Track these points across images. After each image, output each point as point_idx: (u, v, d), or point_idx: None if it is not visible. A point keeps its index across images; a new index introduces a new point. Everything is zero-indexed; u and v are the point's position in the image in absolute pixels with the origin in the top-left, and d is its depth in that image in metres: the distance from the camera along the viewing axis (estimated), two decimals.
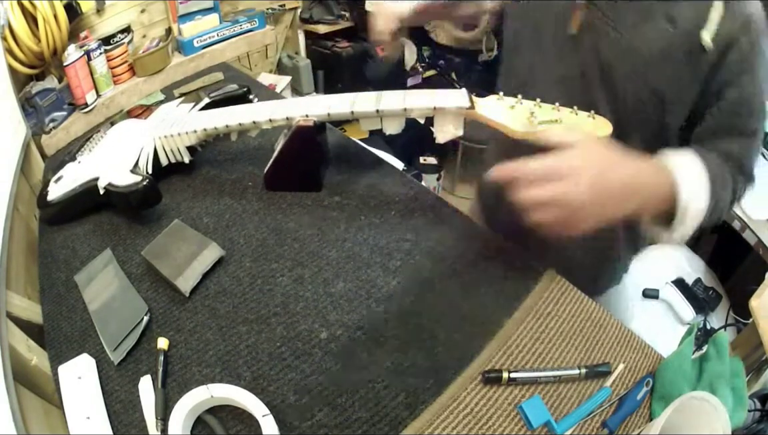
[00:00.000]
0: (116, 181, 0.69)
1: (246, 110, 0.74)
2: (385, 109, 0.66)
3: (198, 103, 0.84)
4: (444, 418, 0.51)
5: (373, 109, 0.66)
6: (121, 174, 0.70)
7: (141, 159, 0.73)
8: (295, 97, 0.74)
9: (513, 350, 0.57)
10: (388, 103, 0.66)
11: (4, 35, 0.96)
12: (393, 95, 0.68)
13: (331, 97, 0.72)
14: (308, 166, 0.76)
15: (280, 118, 0.71)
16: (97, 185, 0.71)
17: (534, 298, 0.63)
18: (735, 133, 0.63)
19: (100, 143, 0.80)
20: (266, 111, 0.72)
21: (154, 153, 0.75)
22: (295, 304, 0.61)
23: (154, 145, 0.75)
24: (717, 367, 0.56)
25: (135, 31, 1.33)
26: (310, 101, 0.73)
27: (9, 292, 0.66)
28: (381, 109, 0.66)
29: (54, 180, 0.76)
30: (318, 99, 0.73)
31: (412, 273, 0.64)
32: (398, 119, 0.68)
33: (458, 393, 0.53)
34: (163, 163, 0.77)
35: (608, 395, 0.54)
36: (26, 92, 1.05)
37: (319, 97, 0.72)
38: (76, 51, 1.11)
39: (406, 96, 0.67)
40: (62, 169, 0.78)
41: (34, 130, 1.01)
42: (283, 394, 0.53)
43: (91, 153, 0.79)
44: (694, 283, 1.53)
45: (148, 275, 0.65)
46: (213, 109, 0.78)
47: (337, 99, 0.70)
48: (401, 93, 0.68)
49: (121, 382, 0.55)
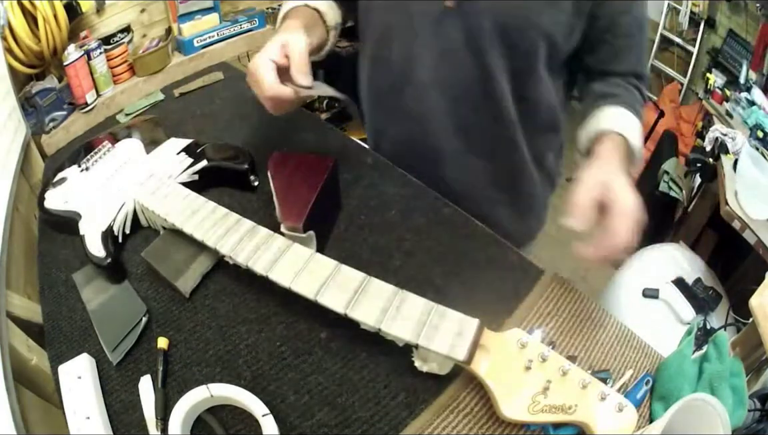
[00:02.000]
0: (86, 241, 0.65)
1: (218, 227, 0.61)
2: (353, 317, 0.51)
3: (195, 163, 0.74)
4: (444, 418, 0.51)
5: (340, 309, 0.51)
6: (93, 235, 0.65)
7: (118, 219, 0.67)
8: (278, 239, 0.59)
9: None
10: (362, 310, 0.51)
11: (4, 35, 0.96)
12: (378, 293, 0.52)
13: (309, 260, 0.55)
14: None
15: (240, 261, 0.58)
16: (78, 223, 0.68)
17: (534, 297, 0.62)
18: (633, 49, 0.74)
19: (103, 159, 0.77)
20: (232, 241, 0.59)
21: (134, 213, 0.69)
22: (295, 303, 0.61)
23: (134, 205, 0.69)
24: (717, 367, 0.56)
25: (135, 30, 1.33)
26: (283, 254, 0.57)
27: (9, 292, 0.66)
28: (350, 315, 0.51)
29: (53, 183, 0.75)
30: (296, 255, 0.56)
31: (412, 273, 0.64)
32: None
33: (458, 393, 0.53)
34: (143, 224, 0.71)
35: None
36: (26, 92, 1.05)
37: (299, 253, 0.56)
38: (76, 51, 1.11)
39: (392, 303, 0.51)
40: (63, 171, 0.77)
41: (34, 129, 1.01)
42: (283, 393, 0.53)
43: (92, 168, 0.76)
44: (694, 282, 1.53)
45: (148, 275, 0.65)
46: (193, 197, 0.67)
47: (313, 266, 0.55)
48: (390, 293, 0.52)
49: (121, 382, 0.55)
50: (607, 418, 0.43)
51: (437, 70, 0.72)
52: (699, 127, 2.22)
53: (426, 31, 0.70)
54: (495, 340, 0.48)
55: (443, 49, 0.70)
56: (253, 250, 0.57)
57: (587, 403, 0.43)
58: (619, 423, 0.43)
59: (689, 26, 2.61)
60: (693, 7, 2.55)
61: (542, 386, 0.44)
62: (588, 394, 0.44)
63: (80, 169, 0.76)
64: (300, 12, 0.72)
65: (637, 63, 0.74)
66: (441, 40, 0.70)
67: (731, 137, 1.80)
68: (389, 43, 0.75)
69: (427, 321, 0.49)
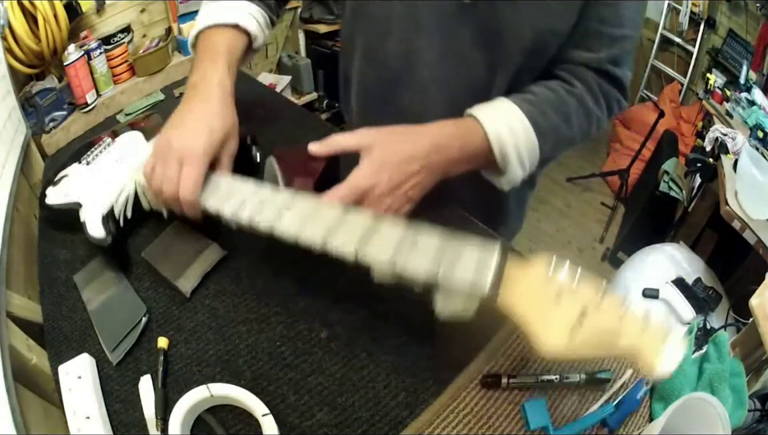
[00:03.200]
0: (87, 225, 0.64)
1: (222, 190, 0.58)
2: (365, 257, 0.47)
3: None
4: (444, 418, 0.51)
5: (350, 249, 0.47)
6: (95, 219, 0.64)
7: (119, 202, 0.66)
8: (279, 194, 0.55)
9: (513, 350, 0.57)
10: (374, 249, 0.47)
11: (4, 35, 0.96)
12: (389, 232, 0.48)
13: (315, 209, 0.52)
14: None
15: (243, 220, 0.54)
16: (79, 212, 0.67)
17: None
18: (603, 39, 0.66)
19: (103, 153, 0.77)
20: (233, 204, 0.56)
21: (135, 196, 0.68)
22: (295, 303, 0.61)
23: (134, 187, 0.67)
24: (717, 367, 0.56)
25: (135, 30, 1.34)
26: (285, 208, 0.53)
27: (9, 292, 0.66)
28: (361, 255, 0.47)
29: (54, 182, 0.75)
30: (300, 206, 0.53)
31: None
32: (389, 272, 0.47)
33: (458, 393, 0.53)
34: (145, 208, 0.69)
35: (609, 411, 0.53)
36: (26, 92, 1.05)
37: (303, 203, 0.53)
38: (76, 51, 1.11)
39: (406, 240, 0.47)
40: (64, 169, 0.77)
41: (34, 129, 1.02)
42: (283, 393, 0.53)
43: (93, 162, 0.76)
44: (694, 282, 1.53)
45: (148, 275, 0.65)
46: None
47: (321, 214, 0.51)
48: (402, 231, 0.47)
49: (121, 381, 0.55)
50: (653, 345, 0.38)
51: (441, 67, 0.68)
52: (699, 127, 2.22)
53: (433, 26, 0.66)
54: (520, 271, 0.43)
55: (450, 46, 0.67)
56: (257, 206, 0.54)
57: (629, 330, 0.38)
58: (666, 350, 0.38)
59: (689, 26, 2.61)
60: (693, 7, 2.55)
61: (578, 316, 0.39)
62: (628, 323, 0.39)
63: (80, 164, 0.76)
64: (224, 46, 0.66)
65: (607, 61, 0.67)
66: (448, 37, 0.66)
67: (731, 137, 1.80)
68: (386, 35, 0.70)
69: (445, 254, 0.44)
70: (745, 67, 2.18)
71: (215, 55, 0.64)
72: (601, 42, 0.65)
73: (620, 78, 0.68)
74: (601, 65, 0.67)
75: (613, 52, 0.66)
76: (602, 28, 0.64)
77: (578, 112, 0.66)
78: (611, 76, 0.67)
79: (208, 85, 0.61)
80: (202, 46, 0.67)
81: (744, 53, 2.30)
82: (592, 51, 0.66)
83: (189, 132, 0.58)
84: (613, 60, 0.67)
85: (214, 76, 0.62)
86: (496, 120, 0.61)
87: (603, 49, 0.66)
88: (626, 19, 0.65)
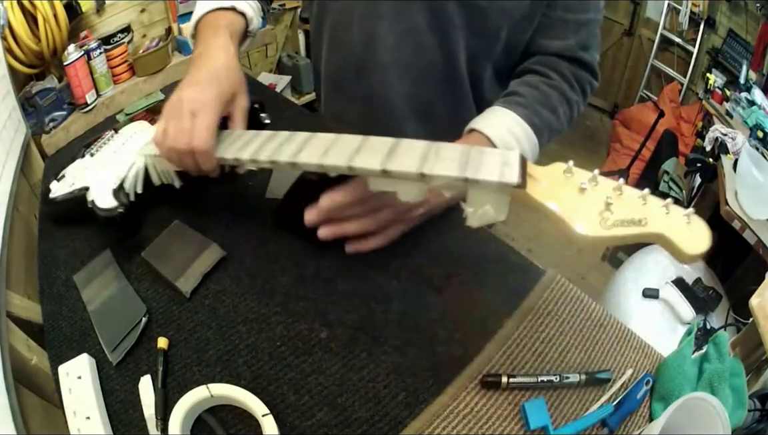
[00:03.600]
0: (97, 201, 0.64)
1: (247, 141, 0.59)
2: (393, 171, 0.47)
3: None
4: (444, 418, 0.51)
5: (377, 167, 0.48)
6: (105, 193, 0.64)
7: (129, 177, 0.67)
8: (297, 134, 0.57)
9: (513, 350, 0.57)
10: (401, 163, 0.48)
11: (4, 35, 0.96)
12: (411, 148, 0.49)
13: (336, 139, 0.54)
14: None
15: (263, 160, 0.55)
16: (86, 196, 0.67)
17: (534, 297, 0.63)
18: (570, 25, 0.70)
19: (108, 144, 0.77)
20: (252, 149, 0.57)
21: (145, 172, 0.68)
22: (295, 303, 0.61)
23: (144, 162, 0.68)
24: (717, 366, 0.56)
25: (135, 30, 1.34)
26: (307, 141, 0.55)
27: (9, 292, 0.66)
28: (389, 170, 0.47)
29: (58, 177, 0.75)
30: (320, 139, 0.55)
31: (412, 273, 0.64)
32: (416, 185, 0.49)
33: (458, 393, 0.53)
34: (156, 182, 0.69)
35: (609, 412, 0.53)
36: (26, 92, 1.05)
37: (322, 137, 0.55)
38: (76, 51, 1.11)
39: (428, 153, 0.48)
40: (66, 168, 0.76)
41: (34, 129, 1.02)
42: (283, 393, 0.53)
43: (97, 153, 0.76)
44: (694, 282, 1.53)
45: (148, 275, 0.65)
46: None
47: (341, 142, 0.53)
48: (424, 146, 0.49)
49: (121, 381, 0.55)
50: (680, 228, 0.39)
51: (399, 50, 0.73)
52: (699, 127, 2.22)
53: (390, 12, 0.70)
54: (540, 171, 0.44)
55: (406, 29, 0.71)
56: (276, 148, 0.55)
57: (655, 215, 0.39)
58: (693, 233, 0.39)
59: (689, 26, 2.61)
60: (693, 7, 2.55)
61: (604, 203, 0.40)
62: (651, 207, 0.40)
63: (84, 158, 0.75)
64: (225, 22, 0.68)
65: (578, 47, 0.71)
66: (404, 21, 0.70)
67: (731, 137, 1.80)
68: (349, 25, 0.74)
69: (469, 158, 0.46)
70: (745, 67, 2.18)
71: (216, 29, 0.66)
72: (569, 29, 0.70)
73: (590, 62, 0.73)
74: (572, 52, 0.71)
75: (581, 37, 0.70)
76: (568, 15, 0.69)
77: (561, 103, 0.70)
78: (582, 61, 0.72)
79: (213, 50, 0.63)
80: (202, 27, 0.69)
81: (744, 53, 2.30)
82: (562, 39, 0.70)
83: (198, 86, 0.59)
84: (582, 45, 0.71)
85: (218, 42, 0.64)
86: (496, 126, 0.64)
87: (571, 35, 0.70)
88: (590, 4, 0.70)
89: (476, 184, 0.44)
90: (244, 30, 0.73)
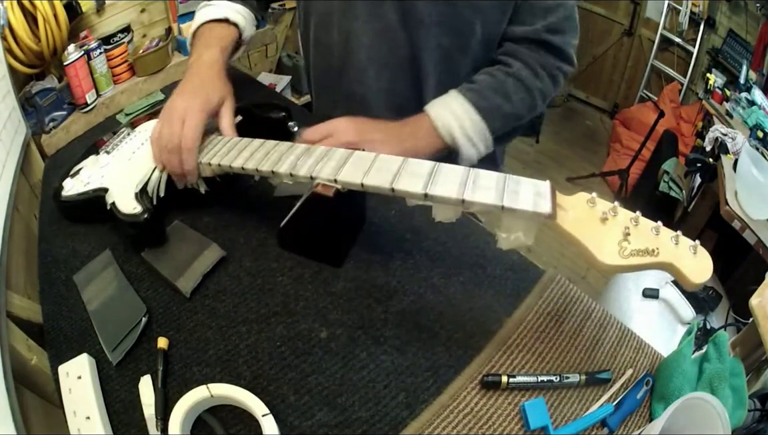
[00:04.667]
0: (119, 204, 0.64)
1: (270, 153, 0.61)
2: (435, 196, 0.50)
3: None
4: (444, 418, 0.51)
5: (420, 191, 0.50)
6: (127, 197, 0.65)
7: (152, 180, 0.67)
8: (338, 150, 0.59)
9: (513, 350, 0.57)
10: (443, 189, 0.50)
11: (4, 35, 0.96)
12: (453, 174, 0.51)
13: (378, 158, 0.56)
14: (323, 239, 0.65)
15: (302, 175, 0.57)
16: (105, 197, 0.67)
17: (534, 297, 0.63)
18: (535, 9, 0.72)
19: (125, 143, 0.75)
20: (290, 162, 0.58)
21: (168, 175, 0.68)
22: (295, 303, 0.61)
23: None
24: (717, 366, 0.56)
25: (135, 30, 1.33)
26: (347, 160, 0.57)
27: (9, 292, 0.66)
28: (430, 194, 0.50)
29: (71, 174, 0.73)
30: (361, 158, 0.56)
31: (412, 273, 0.64)
32: (452, 208, 0.52)
33: (458, 393, 0.53)
34: (179, 186, 0.69)
35: (609, 412, 0.53)
36: (26, 92, 1.05)
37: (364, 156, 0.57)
38: (76, 50, 1.11)
39: (467, 179, 0.50)
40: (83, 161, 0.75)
41: (34, 129, 1.01)
42: (283, 393, 0.53)
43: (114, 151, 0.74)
44: None
45: (148, 275, 0.65)
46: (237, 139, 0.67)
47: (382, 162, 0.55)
48: (462, 172, 0.51)
49: (121, 381, 0.55)
50: (688, 259, 0.44)
51: (374, 49, 0.76)
52: (699, 127, 2.22)
53: (365, 12, 0.73)
54: (567, 201, 0.48)
55: (380, 28, 0.74)
56: (315, 163, 0.57)
57: (666, 246, 0.44)
58: (699, 264, 0.44)
59: (689, 26, 2.61)
60: (693, 7, 2.55)
61: (623, 233, 0.44)
62: (663, 239, 0.44)
63: (99, 154, 0.75)
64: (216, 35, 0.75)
65: (545, 31, 0.72)
66: (378, 19, 0.73)
67: (731, 137, 1.80)
68: (330, 27, 0.78)
69: (505, 187, 0.49)
70: (745, 67, 2.18)
71: (208, 41, 0.74)
72: (535, 14, 0.72)
73: (560, 46, 0.74)
74: (538, 36, 0.72)
75: (549, 21, 0.72)
76: (534, 1, 0.71)
77: (518, 90, 0.73)
78: (550, 45, 0.73)
79: (202, 64, 0.70)
80: (197, 38, 0.77)
81: (744, 53, 2.30)
82: (527, 24, 0.72)
83: (188, 94, 0.67)
84: (551, 29, 0.72)
85: (207, 55, 0.71)
86: (437, 106, 0.71)
87: (537, 20, 0.72)
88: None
89: (512, 212, 0.47)
90: (236, 39, 0.78)
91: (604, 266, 0.45)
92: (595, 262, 0.45)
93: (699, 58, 2.59)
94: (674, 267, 0.43)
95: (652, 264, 0.44)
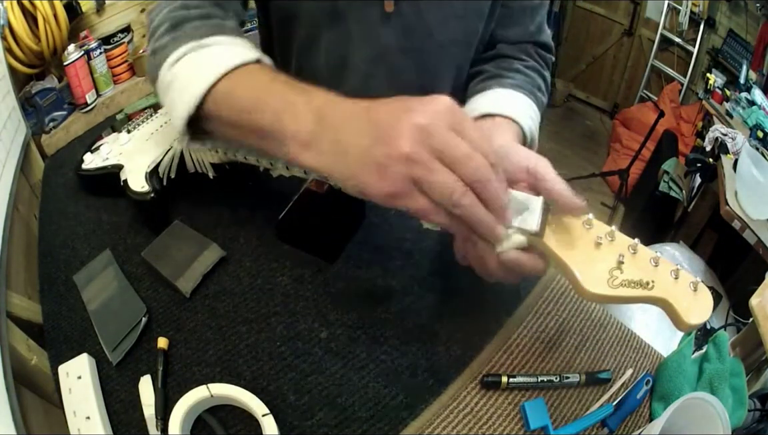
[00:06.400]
0: (130, 182, 0.67)
1: None
2: None
3: None
4: (444, 418, 0.51)
5: None
6: (138, 175, 0.67)
7: (164, 161, 0.68)
8: None
9: (513, 350, 0.57)
10: None
11: (4, 35, 0.96)
12: None
13: None
14: (317, 234, 0.65)
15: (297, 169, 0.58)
16: (119, 174, 0.69)
17: (534, 297, 0.63)
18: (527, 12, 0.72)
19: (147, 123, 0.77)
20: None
21: (181, 156, 0.69)
22: (295, 303, 0.61)
23: (181, 148, 0.69)
24: (717, 367, 0.56)
25: (135, 30, 1.34)
26: None
27: (9, 292, 0.66)
28: None
29: (92, 148, 0.76)
30: None
31: (412, 273, 0.64)
32: None
33: (458, 393, 0.53)
34: (189, 169, 0.71)
35: (609, 412, 0.53)
36: (26, 92, 1.05)
37: None
38: (76, 50, 1.11)
39: None
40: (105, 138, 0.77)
41: (34, 129, 1.02)
42: (283, 393, 0.53)
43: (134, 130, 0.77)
44: None
45: (148, 275, 0.65)
46: None
47: None
48: None
49: (121, 381, 0.55)
50: (685, 296, 0.40)
51: (372, 76, 0.70)
52: (699, 127, 2.22)
53: (360, 37, 0.67)
54: (561, 220, 0.45)
55: (378, 53, 0.68)
56: None
57: (663, 280, 0.41)
58: (697, 303, 0.40)
59: (689, 26, 2.61)
60: (693, 7, 2.55)
61: (616, 261, 0.41)
62: (661, 272, 0.41)
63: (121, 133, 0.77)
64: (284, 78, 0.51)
65: (536, 31, 0.73)
66: (375, 45, 0.67)
67: (731, 137, 1.80)
68: (316, 51, 0.70)
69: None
70: (745, 67, 2.18)
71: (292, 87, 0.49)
72: (526, 15, 0.72)
73: (547, 42, 0.76)
74: (532, 37, 0.73)
75: (537, 21, 0.73)
76: (524, 3, 0.71)
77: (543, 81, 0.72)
78: (541, 43, 0.75)
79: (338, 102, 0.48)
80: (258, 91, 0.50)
81: (744, 53, 2.30)
82: (523, 25, 0.72)
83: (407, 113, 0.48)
84: (538, 28, 0.73)
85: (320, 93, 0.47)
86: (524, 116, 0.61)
87: (529, 21, 0.72)
88: None
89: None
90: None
91: (588, 294, 0.41)
92: (578, 288, 0.41)
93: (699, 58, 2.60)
94: (669, 304, 0.40)
95: (644, 298, 0.41)
